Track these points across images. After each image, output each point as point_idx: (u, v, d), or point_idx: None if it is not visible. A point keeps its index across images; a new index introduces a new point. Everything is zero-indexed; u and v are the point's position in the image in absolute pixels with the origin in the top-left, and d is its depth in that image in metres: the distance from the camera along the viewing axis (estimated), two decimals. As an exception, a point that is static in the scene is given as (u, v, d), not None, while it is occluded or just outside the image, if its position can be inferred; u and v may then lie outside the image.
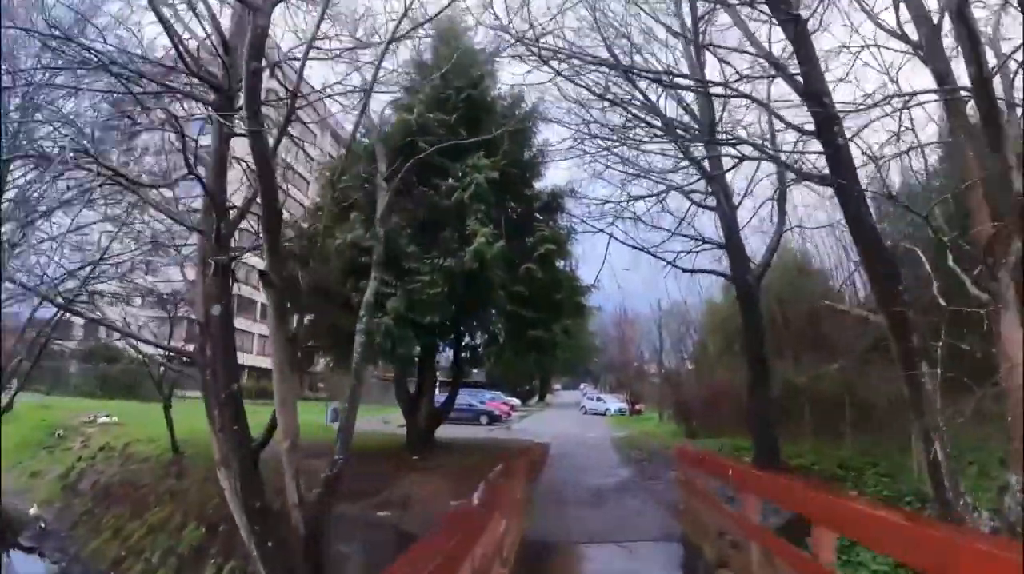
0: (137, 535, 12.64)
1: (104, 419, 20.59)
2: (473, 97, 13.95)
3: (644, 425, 31.02)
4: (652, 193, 13.87)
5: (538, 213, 14.48)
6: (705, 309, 25.50)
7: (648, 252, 13.92)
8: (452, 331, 15.20)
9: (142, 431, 17.72)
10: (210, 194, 6.67)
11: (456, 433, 19.64)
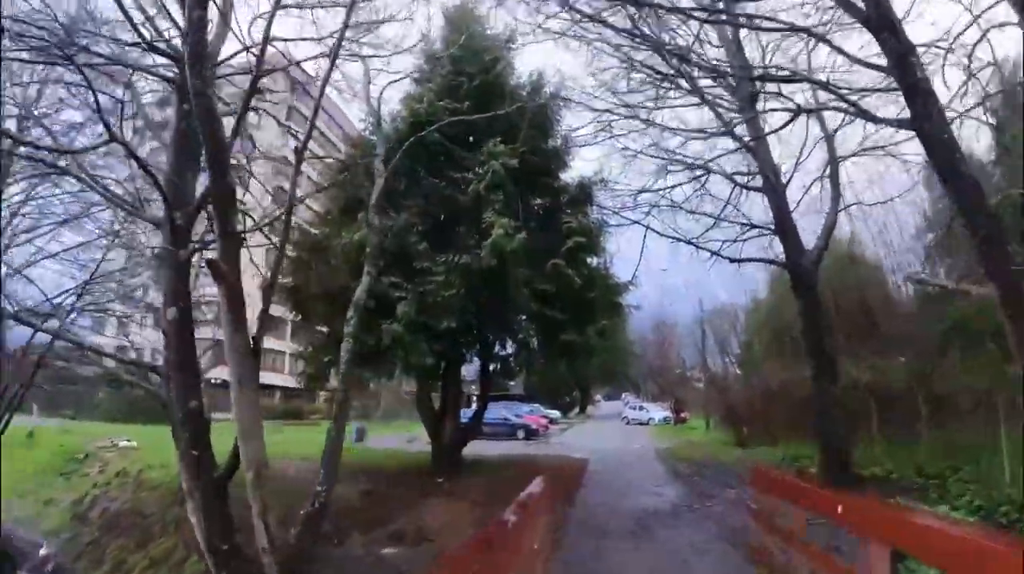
0: (139, 568, 11.76)
1: (124, 443, 19.95)
2: (487, 83, 12.83)
3: (690, 434, 29.54)
4: (691, 178, 12.60)
5: (566, 206, 13.11)
6: (751, 306, 23.90)
7: (690, 243, 12.59)
8: (476, 340, 13.93)
9: (156, 456, 16.95)
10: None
11: (489, 449, 18.42)
